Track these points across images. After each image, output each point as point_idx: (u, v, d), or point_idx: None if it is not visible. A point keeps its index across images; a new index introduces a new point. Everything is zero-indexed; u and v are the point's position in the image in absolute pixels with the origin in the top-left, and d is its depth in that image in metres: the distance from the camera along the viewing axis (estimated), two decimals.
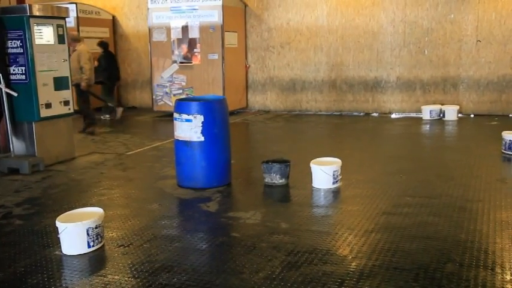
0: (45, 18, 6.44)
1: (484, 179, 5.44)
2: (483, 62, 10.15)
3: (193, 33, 10.76)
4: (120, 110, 10.99)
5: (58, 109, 6.66)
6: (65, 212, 4.07)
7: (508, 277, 3.11)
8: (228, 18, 10.68)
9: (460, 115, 10.10)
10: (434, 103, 10.46)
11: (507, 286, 2.99)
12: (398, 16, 10.53)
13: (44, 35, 6.44)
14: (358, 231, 3.96)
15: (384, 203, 4.68)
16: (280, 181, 5.34)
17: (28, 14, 6.18)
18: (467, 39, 10.16)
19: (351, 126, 9.71)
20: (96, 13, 12.14)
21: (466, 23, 10.11)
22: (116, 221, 4.35)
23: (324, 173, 5.14)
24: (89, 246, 3.68)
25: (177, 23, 10.85)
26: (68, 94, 6.81)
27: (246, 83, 11.94)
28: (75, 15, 11.37)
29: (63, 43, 6.72)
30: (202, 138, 5.18)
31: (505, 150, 6.55)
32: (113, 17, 12.73)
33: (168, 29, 10.92)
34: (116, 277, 3.28)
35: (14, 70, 6.30)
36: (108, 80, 10.72)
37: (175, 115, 5.29)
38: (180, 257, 3.57)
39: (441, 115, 10.02)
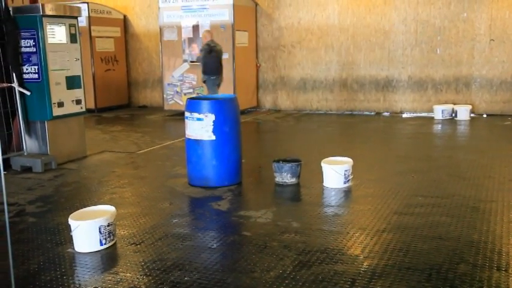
0: (58, 18, 6.49)
1: (497, 179, 5.38)
2: (496, 61, 10.04)
3: None
4: None
5: (70, 108, 6.71)
6: (77, 209, 4.10)
7: None
8: (238, 17, 10.68)
9: (472, 115, 10.00)
10: (446, 103, 10.37)
11: None
12: (410, 15, 10.45)
13: (57, 34, 6.49)
14: (370, 231, 3.94)
15: (395, 202, 4.65)
16: (291, 180, 5.33)
17: (41, 14, 6.23)
18: (480, 38, 10.06)
19: (362, 126, 9.66)
20: (107, 12, 12.21)
21: (479, 21, 10.01)
22: (128, 219, 4.38)
23: (335, 173, 5.12)
24: (101, 244, 3.70)
25: (187, 22, 10.87)
26: (80, 93, 6.85)
27: (257, 82, 11.93)
28: (87, 15, 11.44)
29: (76, 42, 6.76)
30: (214, 137, 5.18)
31: None
32: (124, 16, 12.79)
33: (179, 28, 10.95)
34: (127, 275, 3.30)
35: (27, 69, 6.35)
36: None
37: (187, 114, 5.30)
38: (192, 256, 3.58)
39: (453, 115, 9.93)
